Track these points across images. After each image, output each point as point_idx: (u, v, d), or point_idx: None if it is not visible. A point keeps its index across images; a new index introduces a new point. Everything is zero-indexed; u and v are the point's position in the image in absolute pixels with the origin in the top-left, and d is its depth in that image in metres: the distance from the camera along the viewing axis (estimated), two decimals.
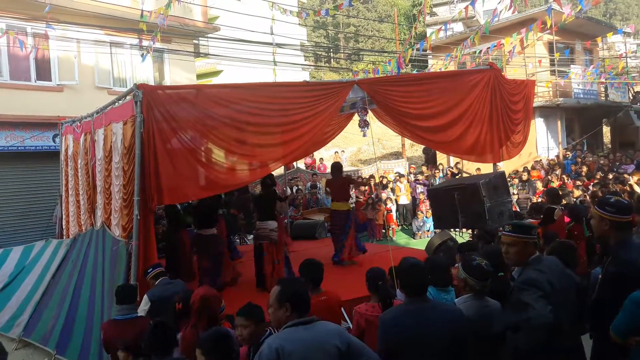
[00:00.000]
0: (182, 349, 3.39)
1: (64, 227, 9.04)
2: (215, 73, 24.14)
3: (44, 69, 13.35)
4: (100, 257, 6.38)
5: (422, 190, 14.88)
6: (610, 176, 12.81)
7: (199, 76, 20.59)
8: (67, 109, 12.26)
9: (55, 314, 6.76)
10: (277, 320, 2.72)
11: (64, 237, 8.74)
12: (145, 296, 4.89)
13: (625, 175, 11.72)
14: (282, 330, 2.66)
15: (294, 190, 15.09)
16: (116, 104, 6.23)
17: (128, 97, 5.65)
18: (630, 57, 22.75)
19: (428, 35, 11.37)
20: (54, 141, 12.75)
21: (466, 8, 10.40)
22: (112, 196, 6.12)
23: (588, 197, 10.65)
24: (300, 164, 18.26)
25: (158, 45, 12.76)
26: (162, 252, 7.29)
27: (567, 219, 6.93)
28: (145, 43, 12.61)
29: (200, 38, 17.70)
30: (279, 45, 15.75)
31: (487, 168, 8.86)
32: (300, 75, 23.09)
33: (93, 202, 7.07)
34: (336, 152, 21.59)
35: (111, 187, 6.11)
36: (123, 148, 5.65)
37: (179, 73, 15.74)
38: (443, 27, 11.89)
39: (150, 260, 5.40)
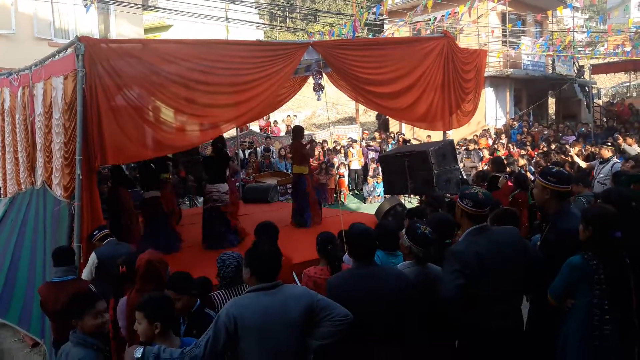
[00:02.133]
0: (127, 314, 3.32)
1: (0, 185, 8.59)
2: (165, 28, 23.10)
3: None
4: (42, 217, 6.12)
5: (374, 156, 15.04)
6: (554, 146, 13.35)
7: (147, 30, 19.69)
8: (2, 59, 11.48)
9: None
10: (247, 283, 2.77)
11: (2, 196, 8.32)
12: (92, 254, 4.78)
13: (567, 146, 12.23)
14: (242, 295, 2.67)
15: (247, 153, 14.90)
16: (56, 56, 5.85)
17: (69, 50, 5.30)
18: (577, 31, 23.44)
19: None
20: None
21: None
22: (52, 154, 5.82)
23: (532, 166, 11.10)
24: (254, 126, 18.00)
25: None
26: (107, 214, 7.07)
27: (511, 186, 7.19)
28: None
29: None
30: (232, 1, 15.24)
31: (437, 135, 9.01)
32: (254, 34, 22.47)
33: (33, 160, 6.71)
34: (289, 115, 21.37)
35: (52, 144, 5.80)
36: (64, 104, 5.34)
37: (126, 26, 14.99)
38: None
39: (96, 222, 5.20)
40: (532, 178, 9.05)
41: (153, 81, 5.34)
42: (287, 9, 40.38)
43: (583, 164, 9.12)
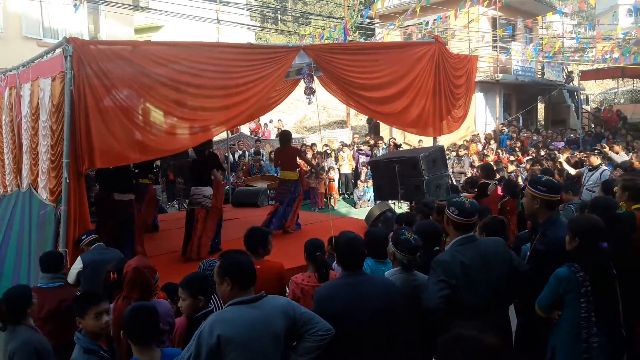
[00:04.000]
0: (114, 321, 3.27)
1: None
2: (156, 28, 22.96)
3: None
4: (27, 221, 6.02)
5: (364, 160, 15.05)
6: (543, 153, 13.44)
7: (138, 31, 19.57)
8: None
9: None
10: (222, 296, 2.67)
11: None
12: (79, 258, 4.71)
13: (556, 152, 12.31)
14: (225, 309, 2.60)
15: (237, 156, 14.84)
16: (44, 57, 5.78)
17: (57, 51, 5.24)
18: (566, 37, 23.66)
19: (375, 2, 11.33)
20: None
21: None
22: (38, 157, 5.74)
23: (522, 173, 11.15)
24: (244, 128, 17.94)
25: None
26: (94, 217, 6.97)
27: (500, 193, 7.21)
28: None
29: None
30: (223, 2, 15.18)
31: (429, 141, 9.04)
32: (246, 36, 22.44)
33: (19, 162, 6.61)
34: (279, 119, 21.33)
35: (38, 147, 5.72)
36: (51, 106, 5.27)
37: (116, 27, 14.89)
38: None
39: (84, 226, 5.14)
40: (523, 185, 9.09)
41: (142, 83, 5.29)
42: (278, 11, 40.36)
43: (572, 171, 9.18)
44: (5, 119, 7.04)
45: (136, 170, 7.46)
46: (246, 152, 15.67)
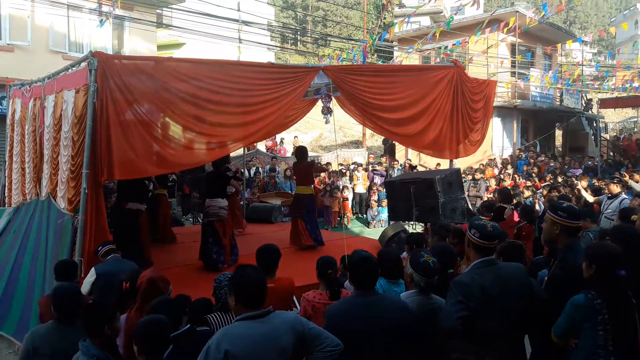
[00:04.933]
0: (125, 331, 3.28)
1: (6, 194, 8.61)
2: (178, 45, 23.41)
3: None
4: (45, 229, 6.11)
5: (379, 180, 15.03)
6: (560, 179, 13.28)
7: (160, 47, 19.96)
8: (16, 70, 11.63)
9: None
10: (233, 310, 2.69)
11: (7, 206, 8.34)
12: (92, 269, 4.75)
13: (574, 179, 12.16)
14: (232, 324, 2.59)
15: (252, 172, 14.92)
16: (69, 70, 5.92)
17: (82, 64, 5.37)
18: (586, 65, 23.57)
19: (393, 26, 11.45)
20: (0, 104, 12.11)
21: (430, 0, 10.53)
22: (59, 166, 5.84)
23: (539, 199, 11.02)
24: (261, 145, 18.07)
25: (119, 12, 12.26)
26: (111, 228, 7.05)
27: (516, 219, 7.13)
28: (105, 9, 12.09)
29: (163, 8, 17.13)
30: (245, 22, 15.44)
31: (447, 163, 9.02)
32: (266, 56, 22.74)
33: (39, 171, 6.74)
34: (296, 136, 21.47)
35: (59, 157, 5.83)
36: (74, 117, 5.38)
37: (139, 42, 15.20)
38: (407, 19, 12.03)
39: (101, 236, 5.20)
40: (540, 211, 8.98)
41: (164, 98, 5.38)
42: (298, 32, 40.90)
43: (590, 198, 9.06)
44: (28, 129, 7.20)
45: (152, 181, 7.57)
46: (260, 168, 15.76)
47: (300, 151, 8.59)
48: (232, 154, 8.66)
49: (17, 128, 7.90)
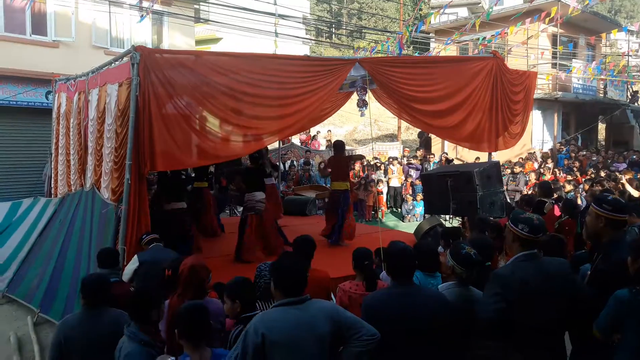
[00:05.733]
0: (168, 318, 3.37)
1: (52, 185, 8.95)
2: (215, 40, 23.72)
3: (39, 24, 13.06)
4: (89, 219, 6.33)
5: (414, 174, 14.88)
6: (602, 174, 12.87)
7: (198, 42, 20.25)
8: (61, 66, 12.02)
9: (40, 273, 6.74)
10: (273, 295, 2.74)
11: (53, 196, 8.66)
12: (135, 256, 4.89)
13: (617, 174, 11.77)
14: (269, 309, 2.65)
15: (287, 166, 15.04)
16: (112, 64, 6.10)
17: (125, 59, 5.52)
18: (631, 55, 22.69)
19: (429, 17, 11.28)
20: (46, 98, 12.55)
21: None
22: (102, 158, 6.03)
23: (581, 194, 10.72)
24: (295, 139, 18.17)
25: (158, 7, 12.50)
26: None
27: (557, 213, 6.96)
28: (144, 4, 12.35)
29: (201, 3, 17.36)
30: (281, 16, 15.50)
31: (484, 157, 8.86)
32: (301, 49, 22.78)
33: (84, 162, 6.97)
34: (329, 130, 21.48)
35: (102, 149, 6.02)
36: (117, 110, 5.55)
37: (178, 37, 15.47)
38: (442, 10, 11.81)
39: (143, 226, 5.34)
40: (582, 205, 8.73)
41: (203, 91, 5.48)
42: (333, 25, 40.77)
43: (635, 193, 8.75)
44: (73, 122, 7.45)
45: (193, 175, 7.72)
46: (295, 161, 15.86)
47: (338, 144, 8.57)
48: (268, 147, 8.74)
49: (62, 121, 8.19)
